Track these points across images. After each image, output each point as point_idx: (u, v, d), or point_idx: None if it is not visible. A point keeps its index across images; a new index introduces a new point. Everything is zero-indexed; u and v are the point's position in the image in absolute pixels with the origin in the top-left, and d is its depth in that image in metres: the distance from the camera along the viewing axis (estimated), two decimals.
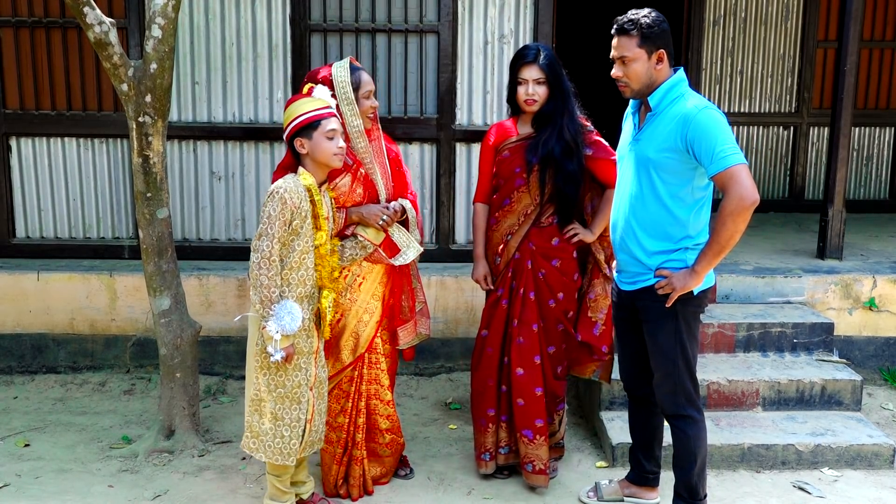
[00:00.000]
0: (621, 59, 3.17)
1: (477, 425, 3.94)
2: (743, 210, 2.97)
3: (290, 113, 3.29)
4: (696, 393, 3.34)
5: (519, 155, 3.75)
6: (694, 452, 3.33)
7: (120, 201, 5.37)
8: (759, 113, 7.28)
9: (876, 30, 7.21)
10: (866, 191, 7.47)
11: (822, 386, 4.43)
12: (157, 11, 3.88)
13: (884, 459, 4.09)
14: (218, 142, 5.28)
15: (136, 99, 3.92)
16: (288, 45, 5.17)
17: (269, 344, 3.16)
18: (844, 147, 5.30)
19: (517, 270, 3.80)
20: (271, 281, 3.15)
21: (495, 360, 3.85)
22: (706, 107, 3.10)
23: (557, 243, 3.78)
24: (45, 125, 5.30)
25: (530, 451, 3.79)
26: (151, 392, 4.88)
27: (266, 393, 3.27)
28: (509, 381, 3.81)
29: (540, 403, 3.78)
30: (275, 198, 3.17)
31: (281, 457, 3.31)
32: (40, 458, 4.12)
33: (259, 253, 3.15)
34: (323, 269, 3.34)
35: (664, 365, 3.29)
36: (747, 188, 2.96)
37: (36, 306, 5.13)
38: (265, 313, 3.15)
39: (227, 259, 5.32)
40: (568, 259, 3.78)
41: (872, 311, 5.12)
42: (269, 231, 3.16)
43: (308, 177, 3.26)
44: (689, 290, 3.14)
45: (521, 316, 3.78)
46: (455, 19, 5.13)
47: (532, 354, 3.77)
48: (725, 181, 2.99)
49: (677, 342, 3.24)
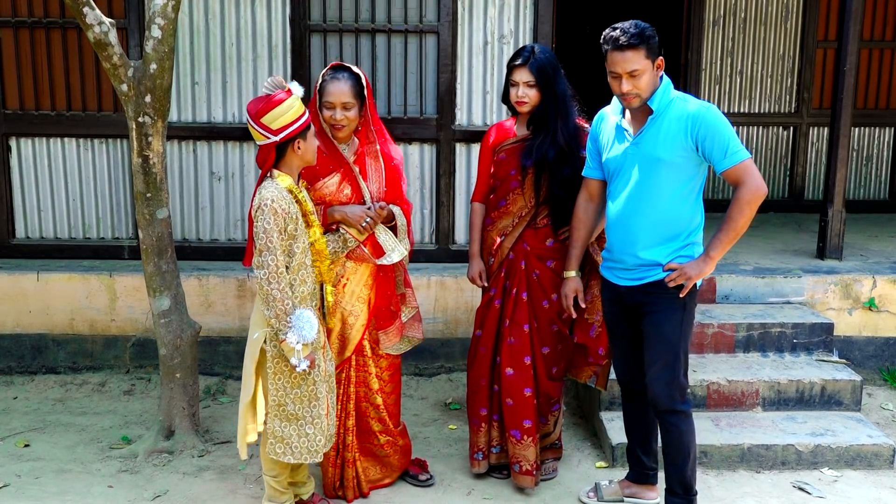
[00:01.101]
0: (630, 74, 3.16)
1: (471, 424, 3.95)
2: (759, 198, 3.17)
3: (288, 115, 3.15)
4: (688, 385, 3.43)
5: (514, 157, 3.75)
6: (687, 447, 3.39)
7: (120, 202, 5.37)
8: (758, 113, 7.28)
9: (876, 30, 7.21)
10: (866, 191, 7.47)
11: (822, 386, 4.43)
12: (156, 12, 3.88)
13: (884, 460, 4.09)
14: (218, 142, 5.28)
15: (135, 99, 3.92)
16: (288, 46, 5.17)
17: (292, 356, 3.16)
18: (844, 147, 5.30)
19: (510, 271, 3.80)
20: (283, 294, 3.13)
21: (488, 360, 3.86)
22: (710, 106, 3.25)
23: (552, 244, 3.78)
24: (45, 125, 5.29)
25: (518, 452, 3.79)
26: (151, 392, 4.88)
27: (285, 396, 3.26)
28: (500, 381, 3.82)
29: (529, 404, 3.77)
30: (265, 211, 3.12)
31: (309, 455, 3.31)
32: (40, 458, 4.12)
33: (265, 269, 3.12)
34: (321, 265, 3.34)
35: (665, 355, 3.32)
36: (761, 179, 3.18)
37: (36, 306, 5.13)
38: (282, 326, 3.14)
39: (226, 259, 5.32)
40: (563, 260, 3.78)
41: (872, 312, 5.12)
42: (269, 245, 3.12)
43: (286, 178, 3.21)
44: (705, 276, 3.26)
45: (513, 316, 3.78)
46: (455, 19, 5.13)
47: (522, 355, 3.77)
48: (740, 174, 3.17)
49: (682, 332, 3.33)
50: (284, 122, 3.15)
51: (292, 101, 3.18)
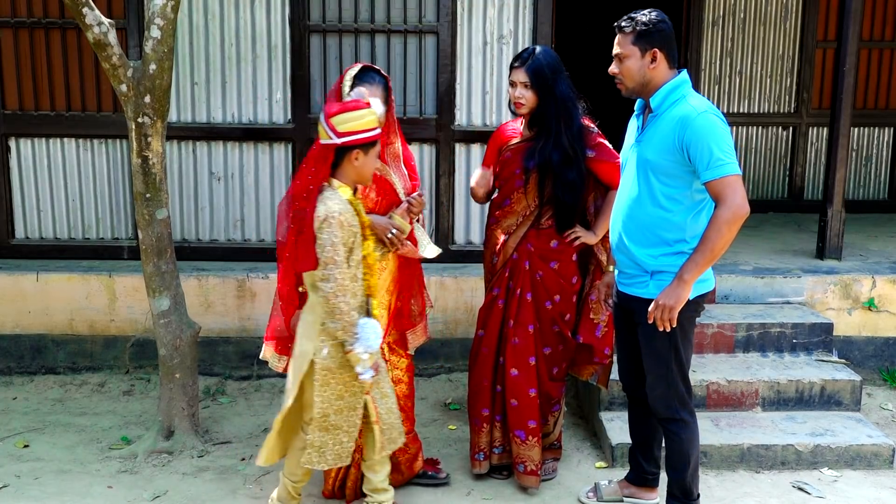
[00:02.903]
0: (617, 56, 3.20)
1: (472, 425, 3.94)
2: (738, 219, 2.98)
3: (357, 123, 3.13)
4: (689, 395, 3.33)
5: (518, 157, 3.75)
6: (687, 454, 3.33)
7: (119, 202, 5.37)
8: (758, 113, 7.27)
9: (875, 30, 7.21)
10: (865, 191, 7.47)
11: (822, 386, 4.43)
12: (156, 12, 3.88)
13: (883, 460, 4.09)
14: (217, 142, 5.28)
15: (135, 99, 3.92)
16: (287, 46, 5.17)
17: (359, 366, 3.17)
18: (843, 147, 5.30)
19: (514, 271, 3.80)
20: (349, 306, 3.13)
21: (490, 360, 3.85)
22: (706, 110, 3.08)
23: (556, 245, 3.78)
24: (45, 126, 5.29)
25: (522, 452, 3.79)
26: (151, 393, 4.88)
27: (329, 407, 3.25)
28: (503, 382, 3.82)
29: (534, 404, 3.78)
30: (332, 224, 3.09)
31: (337, 460, 3.32)
32: (39, 458, 4.12)
33: (333, 282, 3.11)
34: (371, 278, 3.32)
35: (657, 368, 3.29)
36: (743, 198, 2.97)
37: (35, 307, 5.13)
38: (349, 338, 3.15)
39: (226, 259, 5.32)
40: (567, 262, 3.78)
41: (872, 312, 5.12)
42: (335, 258, 3.10)
43: (347, 189, 3.20)
44: (682, 302, 3.08)
45: (518, 317, 3.78)
46: (454, 20, 5.13)
47: (527, 355, 3.78)
48: (721, 190, 2.98)
49: (671, 347, 3.23)
50: (351, 128, 3.12)
51: (366, 112, 3.17)
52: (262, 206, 5.33)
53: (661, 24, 3.15)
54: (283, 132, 5.24)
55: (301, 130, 5.21)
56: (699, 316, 3.35)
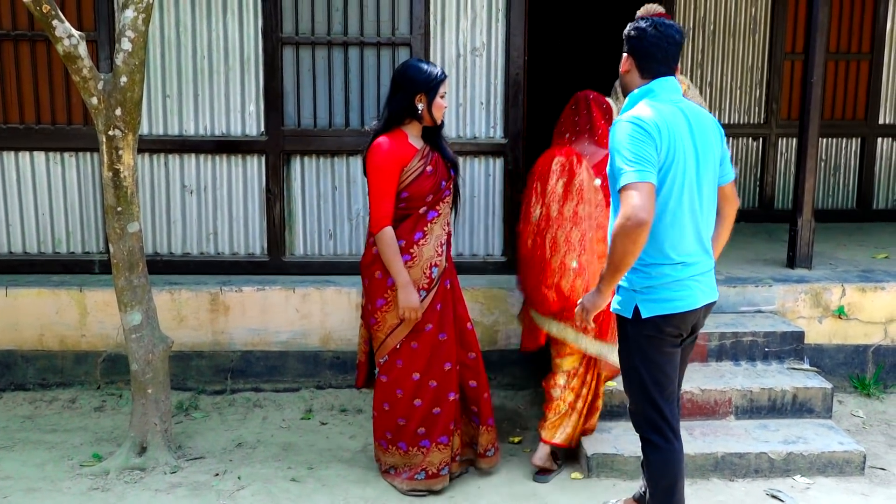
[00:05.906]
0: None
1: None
2: (628, 230, 2.79)
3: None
4: (663, 420, 3.14)
5: (441, 165, 3.88)
6: (656, 477, 3.19)
7: (90, 216, 5.32)
8: (728, 124, 7.35)
9: (842, 42, 7.33)
10: (834, 200, 7.58)
11: (794, 394, 4.48)
12: (127, 24, 3.85)
13: (854, 466, 4.13)
14: (189, 155, 5.25)
15: (105, 112, 3.89)
16: (260, 58, 5.16)
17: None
18: (812, 157, 5.37)
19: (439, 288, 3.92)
20: None
21: (454, 376, 3.95)
22: (626, 119, 2.95)
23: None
24: (14, 139, 5.23)
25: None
26: (122, 408, 4.82)
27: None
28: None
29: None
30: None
31: None
32: (8, 477, 4.05)
33: None
34: None
35: (625, 383, 3.27)
36: (633, 207, 2.78)
37: (4, 322, 5.05)
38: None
39: (199, 273, 5.27)
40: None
41: (841, 319, 5.18)
42: None
43: None
44: (599, 309, 3.05)
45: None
46: (427, 32, 5.14)
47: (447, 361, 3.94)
48: (621, 199, 2.86)
49: (631, 366, 3.16)
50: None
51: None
52: (235, 219, 5.30)
53: (635, 30, 3.09)
54: (255, 144, 5.22)
55: (274, 143, 5.19)
56: (667, 339, 3.10)
